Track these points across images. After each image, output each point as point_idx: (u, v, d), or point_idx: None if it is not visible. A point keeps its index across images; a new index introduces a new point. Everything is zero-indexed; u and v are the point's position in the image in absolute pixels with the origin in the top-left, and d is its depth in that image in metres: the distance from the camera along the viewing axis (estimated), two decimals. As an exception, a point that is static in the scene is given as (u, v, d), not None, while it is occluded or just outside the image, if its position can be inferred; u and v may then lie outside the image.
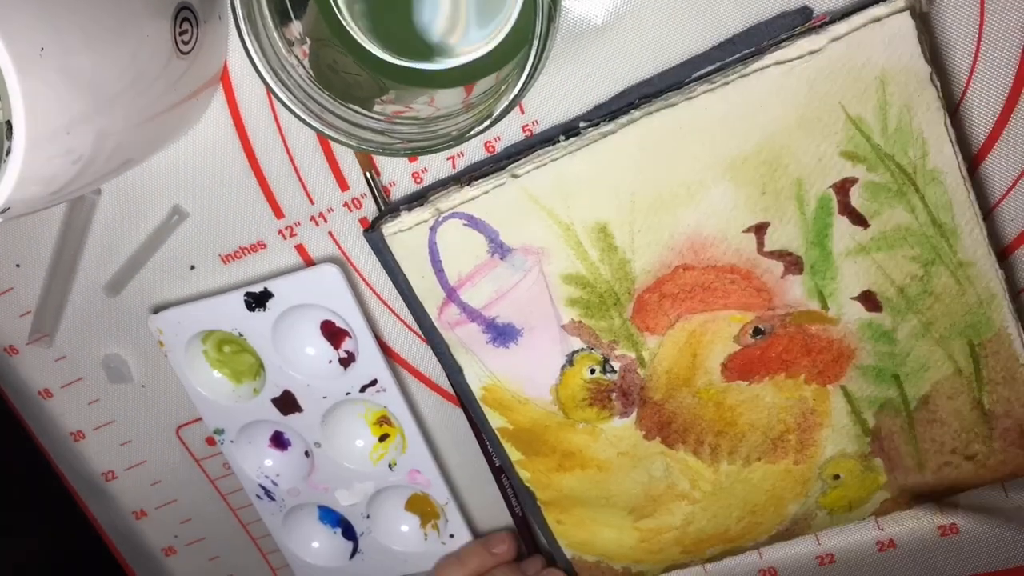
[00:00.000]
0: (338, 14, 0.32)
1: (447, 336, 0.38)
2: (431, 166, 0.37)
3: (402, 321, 0.41)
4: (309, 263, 0.40)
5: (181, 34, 0.32)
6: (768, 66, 0.31)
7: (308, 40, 0.32)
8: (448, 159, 0.37)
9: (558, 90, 0.35)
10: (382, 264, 0.37)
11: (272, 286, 0.39)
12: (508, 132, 0.36)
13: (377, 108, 0.32)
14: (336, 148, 0.38)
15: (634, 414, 0.38)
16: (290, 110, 0.31)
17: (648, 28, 0.33)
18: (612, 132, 0.33)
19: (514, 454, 0.40)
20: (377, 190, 0.37)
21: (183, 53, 0.32)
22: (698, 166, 0.33)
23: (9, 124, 0.25)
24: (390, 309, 0.41)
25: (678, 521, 0.40)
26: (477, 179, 0.35)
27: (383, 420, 0.43)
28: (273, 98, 0.31)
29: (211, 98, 0.37)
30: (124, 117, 0.30)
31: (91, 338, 0.44)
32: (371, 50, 0.32)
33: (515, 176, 0.34)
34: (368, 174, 0.37)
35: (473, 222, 0.35)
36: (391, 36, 0.32)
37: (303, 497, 0.45)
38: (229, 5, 0.29)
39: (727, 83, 0.32)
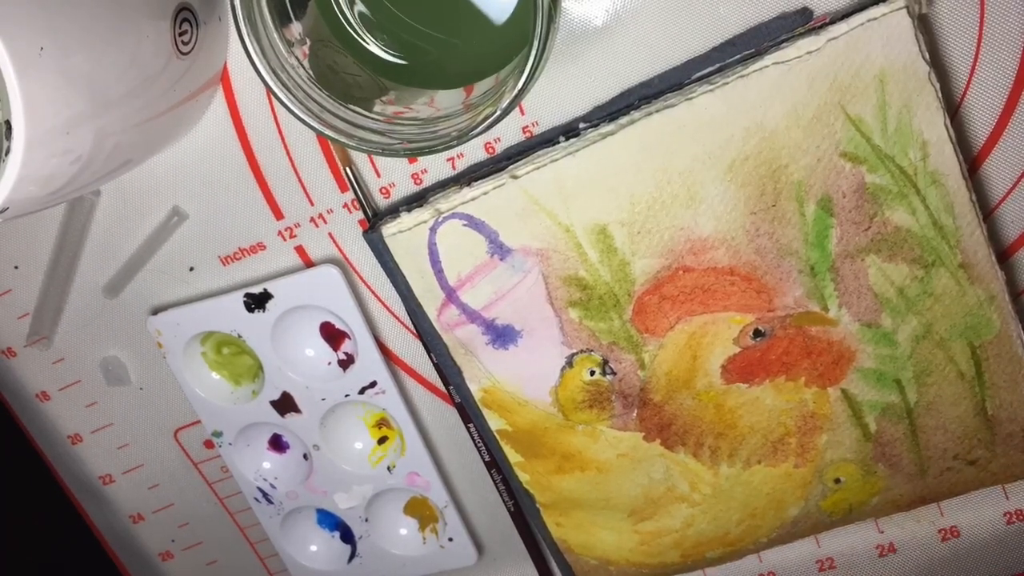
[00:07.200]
0: (338, 14, 0.32)
1: (446, 337, 0.38)
2: (431, 167, 0.37)
3: (401, 323, 0.41)
4: (309, 264, 0.40)
5: (181, 35, 0.32)
6: (767, 66, 0.31)
7: (308, 40, 0.32)
8: (448, 160, 0.37)
9: (558, 91, 0.35)
10: (381, 265, 0.37)
11: (271, 287, 0.39)
12: (508, 133, 0.36)
13: (377, 109, 0.32)
14: (336, 149, 0.38)
15: (634, 416, 0.38)
16: (290, 110, 0.31)
17: (648, 29, 0.33)
18: (612, 133, 0.33)
19: (513, 456, 0.40)
20: (356, 183, 0.37)
21: (183, 54, 0.32)
22: (697, 167, 0.33)
23: (8, 124, 0.25)
24: (390, 311, 0.41)
25: (678, 524, 0.40)
26: (477, 180, 0.35)
27: (382, 422, 0.43)
28: (273, 98, 0.31)
29: (211, 99, 0.37)
30: (123, 117, 0.30)
31: (89, 340, 0.44)
32: (371, 50, 0.32)
33: (515, 177, 0.34)
34: (348, 169, 0.37)
35: (473, 223, 0.35)
36: (391, 36, 0.32)
37: (301, 500, 0.45)
38: (229, 6, 0.29)
39: (726, 84, 0.32)
